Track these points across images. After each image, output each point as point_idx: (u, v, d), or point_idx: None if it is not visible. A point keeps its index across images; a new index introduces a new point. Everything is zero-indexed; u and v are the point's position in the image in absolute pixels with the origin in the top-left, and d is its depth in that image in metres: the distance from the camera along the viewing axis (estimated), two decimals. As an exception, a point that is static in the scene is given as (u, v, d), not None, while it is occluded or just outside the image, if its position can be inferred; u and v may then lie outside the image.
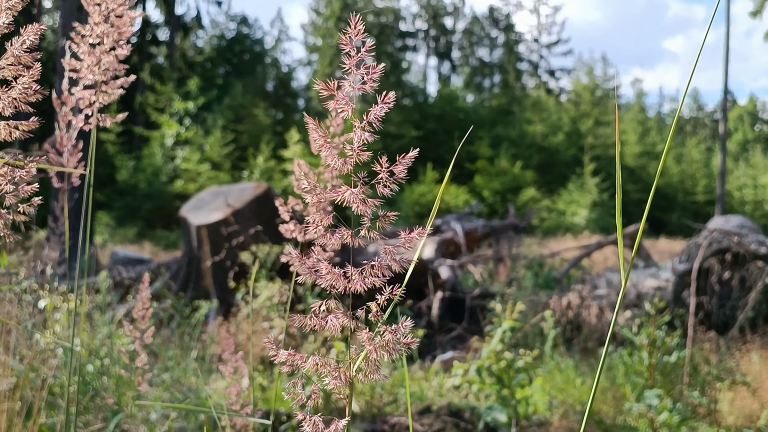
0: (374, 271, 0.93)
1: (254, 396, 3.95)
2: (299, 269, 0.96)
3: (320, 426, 0.98)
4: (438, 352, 6.99)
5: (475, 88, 40.31)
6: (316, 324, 0.92)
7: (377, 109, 0.91)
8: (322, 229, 0.93)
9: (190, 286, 8.21)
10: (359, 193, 0.93)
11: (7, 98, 1.03)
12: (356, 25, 0.92)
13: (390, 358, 0.94)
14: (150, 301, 2.00)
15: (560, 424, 4.38)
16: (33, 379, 3.20)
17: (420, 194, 23.43)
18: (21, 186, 1.04)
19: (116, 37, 1.67)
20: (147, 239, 22.42)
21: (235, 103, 29.91)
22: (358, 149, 0.93)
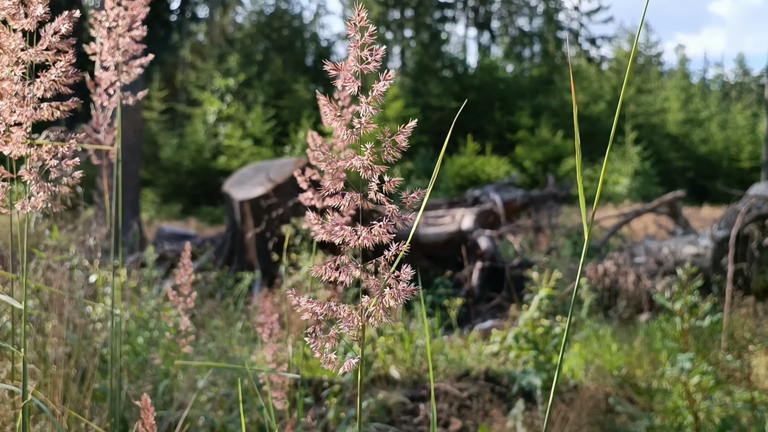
0: (381, 229, 1.02)
1: (297, 363, 4.07)
2: (317, 231, 1.05)
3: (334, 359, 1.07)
4: (478, 321, 7.07)
5: (514, 58, 39.81)
6: (331, 275, 1.01)
7: (380, 86, 0.99)
8: (336, 192, 1.02)
9: (235, 259, 8.41)
10: (365, 160, 1.01)
11: (48, 81, 1.13)
12: (360, 12, 1.01)
13: (396, 303, 1.03)
14: (193, 269, 2.12)
15: (596, 388, 4.43)
16: (86, 347, 3.37)
17: (461, 166, 23.34)
18: (64, 161, 1.14)
19: (130, 19, 1.76)
20: (192, 215, 22.83)
21: (276, 79, 30.07)
22: (365, 122, 1.00)
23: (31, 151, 1.13)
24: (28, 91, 1.11)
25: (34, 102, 1.13)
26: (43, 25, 1.14)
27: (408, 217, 1.09)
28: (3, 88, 1.12)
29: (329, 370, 4.61)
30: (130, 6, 1.75)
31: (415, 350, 4.90)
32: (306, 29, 36.72)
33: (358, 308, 1.09)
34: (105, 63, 1.77)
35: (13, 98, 1.13)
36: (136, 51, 1.79)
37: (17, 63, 1.11)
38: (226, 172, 24.32)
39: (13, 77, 1.12)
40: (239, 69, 29.02)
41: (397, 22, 39.04)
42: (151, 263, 5.84)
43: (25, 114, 1.12)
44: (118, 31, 1.75)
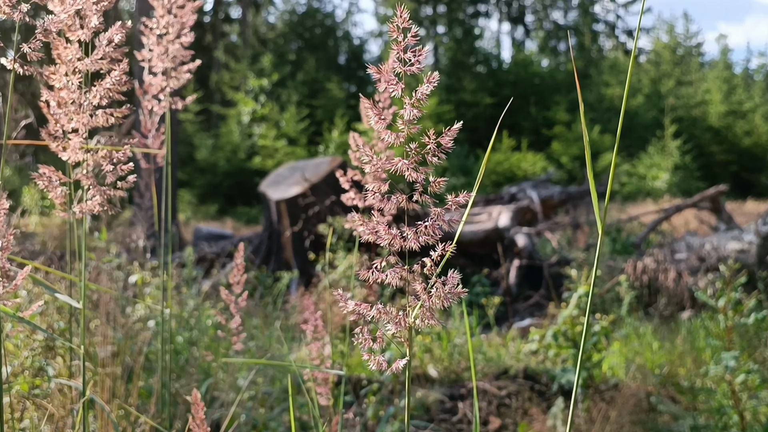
0: (427, 231, 1.03)
1: (335, 362, 4.10)
2: (361, 232, 1.06)
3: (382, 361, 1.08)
4: (516, 319, 7.03)
5: (549, 52, 39.45)
6: (378, 277, 1.02)
7: (423, 88, 1.00)
8: (379, 195, 1.03)
9: (272, 258, 8.48)
10: (411, 163, 1.02)
11: (103, 89, 1.15)
12: (402, 13, 1.01)
13: (442, 305, 1.04)
14: (243, 268, 2.16)
15: (637, 386, 4.39)
16: (131, 347, 3.43)
17: (496, 162, 23.22)
18: (119, 166, 1.17)
19: (179, 27, 1.80)
20: (228, 215, 23.04)
21: (309, 78, 30.19)
22: (408, 123, 1.01)
23: (87, 156, 1.16)
24: (85, 99, 1.15)
25: (90, 109, 1.16)
26: (97, 35, 1.16)
27: (454, 219, 1.10)
28: (61, 97, 1.15)
29: (367, 368, 4.63)
30: (180, 13, 1.78)
31: (453, 349, 4.90)
32: (338, 28, 36.83)
33: (405, 310, 1.10)
34: (154, 69, 1.80)
35: (70, 106, 1.17)
36: (184, 57, 1.82)
37: (74, 72, 1.14)
38: (261, 172, 24.50)
39: (70, 86, 1.15)
40: (273, 69, 29.20)
41: (429, 19, 38.95)
42: (191, 263, 5.92)
43: (82, 121, 1.15)
44: (168, 38, 1.78)
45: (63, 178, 1.24)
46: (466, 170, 23.83)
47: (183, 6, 1.79)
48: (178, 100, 1.84)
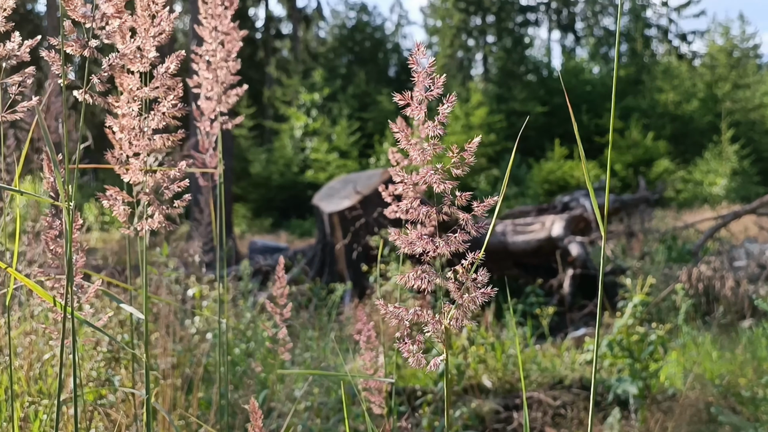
0: (457, 239, 1.09)
1: (390, 372, 4.15)
2: (398, 244, 1.13)
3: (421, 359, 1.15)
4: (570, 329, 6.98)
5: (600, 58, 39.00)
6: (414, 283, 1.09)
7: (444, 109, 1.06)
8: (414, 207, 1.10)
9: (326, 270, 8.58)
10: (438, 177, 1.09)
11: (159, 115, 1.23)
12: (419, 47, 1.09)
13: (474, 307, 1.10)
14: (286, 281, 2.23)
15: (696, 397, 4.32)
16: (190, 359, 3.54)
17: (548, 171, 23.03)
18: (176, 184, 1.25)
19: (226, 53, 1.90)
20: (282, 228, 23.35)
21: (359, 92, 30.44)
22: (433, 144, 1.08)
23: (147, 177, 1.24)
24: (144, 125, 1.23)
25: (149, 134, 1.24)
26: (154, 66, 1.25)
27: (481, 225, 1.17)
28: (123, 124, 1.24)
29: (421, 379, 4.66)
30: (227, 40, 1.87)
31: (507, 359, 4.90)
32: (388, 40, 37.06)
33: (441, 312, 1.17)
34: (207, 94, 1.90)
35: (131, 131, 1.25)
36: (232, 81, 1.92)
37: (134, 100, 1.23)
38: (314, 185, 24.77)
39: (131, 113, 1.23)
40: (324, 83, 29.54)
41: (478, 29, 38.92)
42: (247, 276, 6.04)
43: (142, 145, 1.23)
44: (217, 64, 1.88)
45: (126, 197, 1.32)
46: (518, 179, 23.70)
47: (229, 34, 1.88)
48: (229, 120, 1.93)
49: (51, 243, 1.33)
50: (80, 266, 1.29)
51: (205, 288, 5.03)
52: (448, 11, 37.70)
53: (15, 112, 1.21)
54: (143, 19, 1.21)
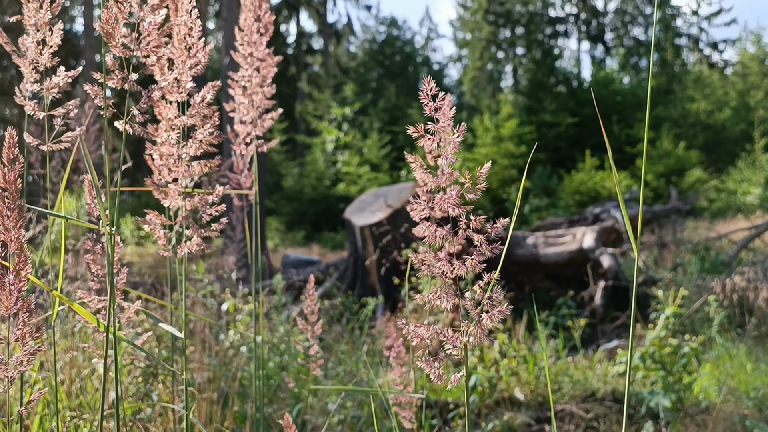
0: (473, 260, 1.14)
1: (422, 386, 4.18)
2: (415, 264, 1.20)
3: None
4: (602, 341, 6.94)
5: (631, 68, 38.69)
6: (435, 302, 1.15)
7: (455, 137, 1.11)
8: (431, 231, 1.16)
9: (357, 284, 8.64)
10: (452, 201, 1.14)
11: (196, 142, 1.30)
12: (429, 82, 1.14)
13: (492, 323, 1.15)
14: (317, 297, 2.29)
15: (730, 410, 4.28)
16: (225, 373, 3.61)
17: (579, 182, 22.87)
18: (214, 208, 1.31)
19: (261, 79, 1.97)
20: (314, 241, 23.48)
21: (390, 105, 30.57)
22: (448, 173, 1.13)
23: (186, 202, 1.31)
24: (182, 152, 1.29)
25: (187, 161, 1.30)
26: (191, 95, 1.31)
27: (497, 247, 1.22)
28: (162, 151, 1.30)
29: (453, 392, 4.68)
30: (262, 66, 1.95)
31: (539, 372, 4.90)
32: (417, 54, 37.19)
33: (460, 330, 1.22)
34: (243, 118, 1.97)
35: (170, 158, 1.31)
36: (267, 105, 1.99)
37: (172, 128, 1.29)
38: (345, 198, 24.90)
39: (170, 141, 1.30)
40: (354, 97, 29.73)
41: (508, 41, 38.91)
42: (280, 290, 6.12)
43: (180, 171, 1.29)
44: (253, 89, 1.95)
45: (165, 221, 1.39)
46: (549, 191, 23.56)
47: (265, 60, 1.95)
48: (264, 143, 2.00)
49: (93, 265, 1.40)
50: (120, 286, 1.36)
51: (239, 302, 5.11)
52: (477, 24, 37.76)
53: (60, 142, 1.29)
54: (180, 50, 1.27)
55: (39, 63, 1.30)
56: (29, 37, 1.31)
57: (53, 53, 1.29)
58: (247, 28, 1.91)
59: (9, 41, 1.32)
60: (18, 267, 1.01)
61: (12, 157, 0.99)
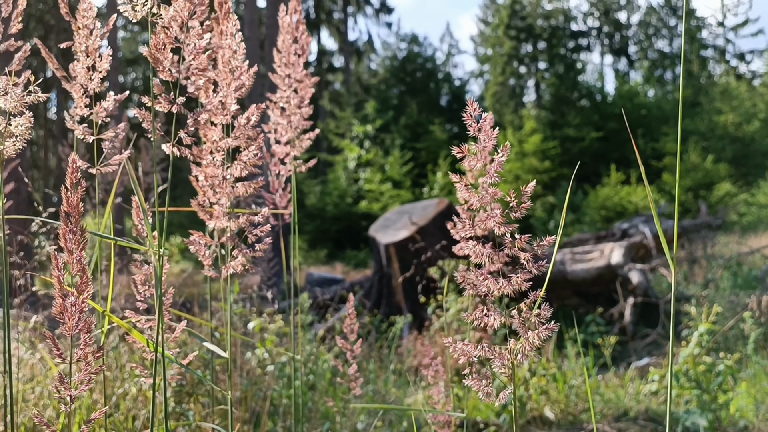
0: (519, 278, 1.14)
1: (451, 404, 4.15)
2: (463, 283, 1.19)
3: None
4: (633, 358, 6.86)
5: (655, 81, 38.46)
6: (481, 320, 1.15)
7: (499, 156, 1.12)
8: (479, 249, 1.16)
9: (383, 302, 8.62)
10: (498, 220, 1.14)
11: (241, 164, 1.30)
12: (472, 104, 1.15)
13: (539, 340, 1.15)
14: (356, 317, 2.29)
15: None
16: (256, 392, 3.60)
17: (605, 197, 22.73)
18: (259, 228, 1.31)
19: (299, 100, 1.98)
20: (337, 259, 23.49)
21: (411, 122, 30.61)
22: (492, 192, 1.13)
23: (231, 222, 1.31)
24: (227, 173, 1.30)
25: (231, 182, 1.31)
26: (235, 117, 1.32)
27: (542, 264, 1.22)
28: (207, 173, 1.31)
29: (483, 411, 4.64)
30: (300, 87, 1.96)
31: (570, 390, 4.84)
32: (439, 70, 37.25)
33: (508, 348, 1.22)
34: (280, 138, 1.98)
35: (214, 180, 1.32)
36: (305, 126, 2.00)
37: (217, 150, 1.30)
38: (368, 215, 24.91)
39: (215, 162, 1.30)
40: (376, 115, 29.82)
41: (530, 55, 38.86)
42: (306, 309, 6.12)
43: (225, 192, 1.30)
44: (291, 110, 1.96)
45: (209, 241, 1.39)
46: (574, 206, 23.44)
47: (302, 81, 1.96)
48: (301, 163, 2.01)
49: (140, 286, 1.41)
50: (167, 306, 1.36)
51: (266, 321, 5.12)
52: (498, 39, 37.77)
53: (108, 165, 1.30)
54: (224, 73, 1.28)
55: (89, 88, 1.32)
56: (80, 63, 1.33)
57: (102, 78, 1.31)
58: (285, 50, 1.93)
59: (60, 67, 1.35)
60: (80, 288, 1.02)
61: (74, 182, 1.01)
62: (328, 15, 36.81)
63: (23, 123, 1.15)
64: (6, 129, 1.13)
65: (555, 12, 40.33)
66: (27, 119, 1.16)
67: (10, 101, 1.12)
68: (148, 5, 1.17)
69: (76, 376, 1.07)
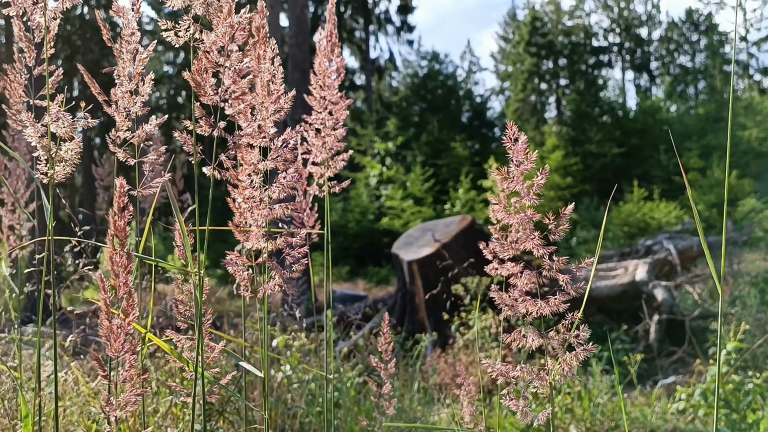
0: (557, 299, 1.15)
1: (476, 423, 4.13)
2: (502, 306, 1.21)
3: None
4: (659, 376, 6.80)
5: (678, 97, 38.25)
6: (521, 342, 1.16)
7: (539, 179, 1.13)
8: (516, 272, 1.18)
9: (406, 319, 8.61)
10: (537, 242, 1.16)
11: (279, 186, 1.33)
12: (513, 129, 1.17)
13: (578, 361, 1.15)
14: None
15: (799, 449, 4.14)
16: (284, 411, 3.62)
17: (627, 213, 22.57)
18: (296, 249, 1.33)
19: (334, 122, 2.02)
20: (359, 276, 23.48)
21: (433, 139, 30.67)
22: (531, 214, 1.15)
23: (269, 243, 1.34)
24: (265, 195, 1.32)
25: (269, 204, 1.33)
26: (272, 140, 1.35)
27: (580, 287, 1.23)
28: (245, 195, 1.34)
29: (508, 430, 4.61)
30: (335, 110, 1.99)
31: (595, 408, 4.81)
32: (459, 87, 37.31)
33: (545, 368, 1.22)
34: (314, 159, 2.02)
35: (252, 201, 1.35)
36: (339, 147, 2.03)
37: (255, 173, 1.33)
38: (390, 232, 24.91)
39: (253, 185, 1.33)
40: (397, 132, 29.92)
41: (550, 72, 38.86)
42: (331, 326, 6.12)
43: (263, 214, 1.33)
44: (326, 131, 2.00)
45: (246, 262, 1.42)
46: (596, 222, 23.31)
47: (337, 103, 2.00)
48: (335, 184, 2.04)
49: (181, 306, 1.44)
50: (207, 327, 1.39)
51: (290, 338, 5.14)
52: (519, 56, 37.81)
53: (149, 187, 1.33)
54: (263, 97, 1.31)
55: (131, 112, 1.36)
56: (122, 86, 1.36)
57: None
58: (321, 73, 1.96)
59: (101, 91, 1.38)
60: (126, 311, 1.05)
61: (122, 206, 1.03)
62: (350, 33, 37.08)
63: (73, 148, 1.19)
64: (56, 154, 1.17)
65: (575, 28, 40.36)
66: (76, 144, 1.20)
67: (62, 127, 1.16)
68: (190, 31, 1.21)
69: (121, 397, 1.09)
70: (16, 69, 1.52)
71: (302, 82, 14.53)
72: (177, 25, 1.22)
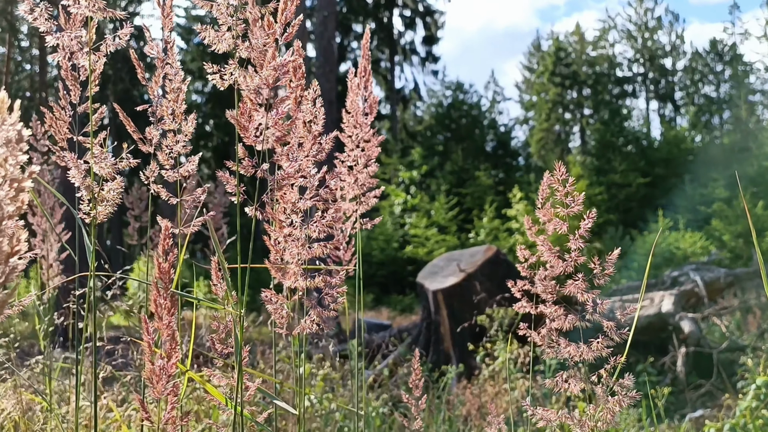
0: (600, 343, 1.15)
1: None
2: (542, 346, 1.21)
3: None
4: (687, 410, 6.69)
5: (703, 127, 38.03)
6: (563, 387, 1.16)
7: (585, 223, 1.14)
8: (558, 313, 1.18)
9: (431, 349, 8.58)
10: (581, 285, 1.16)
11: (319, 225, 1.35)
12: (560, 167, 1.19)
13: (621, 408, 1.16)
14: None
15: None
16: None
17: (652, 243, 22.38)
18: (336, 289, 1.36)
19: (366, 159, 2.05)
20: (383, 304, 23.44)
21: (457, 168, 30.73)
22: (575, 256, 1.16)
23: (307, 282, 1.36)
24: (303, 234, 1.35)
25: (307, 242, 1.36)
26: (307, 178, 1.38)
27: (623, 333, 1.23)
28: (284, 234, 1.36)
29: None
30: (367, 147, 2.02)
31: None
32: (484, 117, 37.40)
33: (587, 414, 1.21)
34: (346, 195, 2.05)
35: (290, 239, 1.37)
36: (371, 184, 2.06)
37: (294, 212, 1.35)
38: (413, 260, 24.89)
39: (293, 223, 1.36)
40: (422, 161, 30.03)
41: (575, 102, 38.85)
42: (356, 356, 6.12)
43: (302, 252, 1.35)
44: (358, 168, 2.03)
45: (281, 299, 1.44)
46: (621, 252, 23.14)
47: (369, 140, 2.03)
48: (368, 221, 2.07)
49: (218, 344, 1.46)
50: (245, 365, 1.41)
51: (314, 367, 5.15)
52: (543, 86, 37.89)
53: (192, 225, 1.36)
54: (304, 138, 1.34)
55: (173, 150, 1.39)
56: (167, 125, 1.40)
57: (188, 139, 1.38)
58: (354, 111, 2.00)
59: (136, 130, 1.42)
60: (169, 353, 1.07)
61: (166, 249, 1.06)
62: (375, 64, 37.40)
63: (115, 188, 1.23)
64: (99, 194, 1.20)
65: (600, 58, 40.38)
66: (118, 184, 1.23)
67: (105, 168, 1.20)
68: (235, 74, 1.24)
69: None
70: (61, 105, 1.57)
71: (328, 112, 14.65)
72: (222, 69, 1.25)
